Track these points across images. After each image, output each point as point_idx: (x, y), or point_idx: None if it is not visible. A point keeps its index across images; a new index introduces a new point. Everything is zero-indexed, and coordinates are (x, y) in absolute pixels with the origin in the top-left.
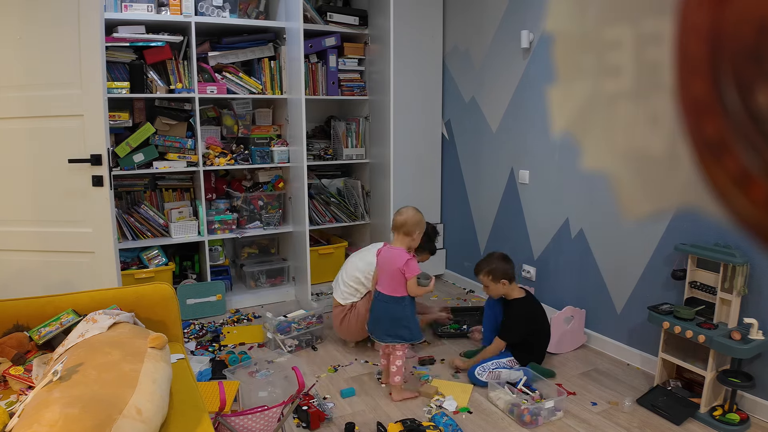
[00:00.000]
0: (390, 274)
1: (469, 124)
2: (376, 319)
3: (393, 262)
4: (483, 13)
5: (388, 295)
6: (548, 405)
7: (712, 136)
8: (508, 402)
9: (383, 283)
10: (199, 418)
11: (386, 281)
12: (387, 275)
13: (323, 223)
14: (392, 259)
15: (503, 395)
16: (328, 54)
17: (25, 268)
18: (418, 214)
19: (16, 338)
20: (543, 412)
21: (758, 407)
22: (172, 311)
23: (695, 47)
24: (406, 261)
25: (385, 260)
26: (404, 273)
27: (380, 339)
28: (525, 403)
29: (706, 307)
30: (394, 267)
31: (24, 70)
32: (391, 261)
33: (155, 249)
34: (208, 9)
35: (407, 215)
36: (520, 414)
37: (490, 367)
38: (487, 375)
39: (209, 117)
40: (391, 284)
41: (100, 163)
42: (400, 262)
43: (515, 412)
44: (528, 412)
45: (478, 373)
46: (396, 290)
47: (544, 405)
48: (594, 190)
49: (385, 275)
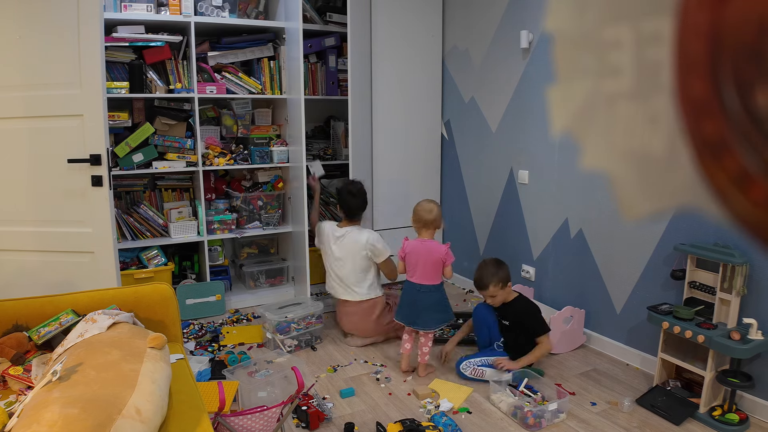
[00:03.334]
0: (432, 264)
1: (469, 124)
2: (418, 310)
3: (433, 252)
4: (483, 13)
5: (429, 284)
6: (552, 407)
7: (711, 136)
8: (511, 404)
9: (420, 273)
10: (198, 418)
11: (426, 271)
12: (428, 265)
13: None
14: (432, 250)
15: (505, 398)
16: (328, 54)
17: (24, 268)
18: (437, 205)
19: (15, 338)
20: (546, 415)
21: (758, 407)
22: (172, 311)
23: (695, 47)
24: (447, 250)
25: (423, 252)
26: (445, 261)
27: (427, 327)
28: (528, 405)
29: (705, 307)
30: (435, 257)
31: (23, 70)
32: (431, 252)
33: (155, 249)
34: (207, 9)
35: (435, 212)
36: (523, 417)
37: (477, 363)
38: (471, 371)
39: (209, 117)
40: (431, 273)
41: (100, 163)
42: (442, 251)
43: (518, 414)
44: (531, 415)
45: (462, 368)
46: (436, 278)
47: (548, 407)
48: (593, 190)
49: (425, 266)
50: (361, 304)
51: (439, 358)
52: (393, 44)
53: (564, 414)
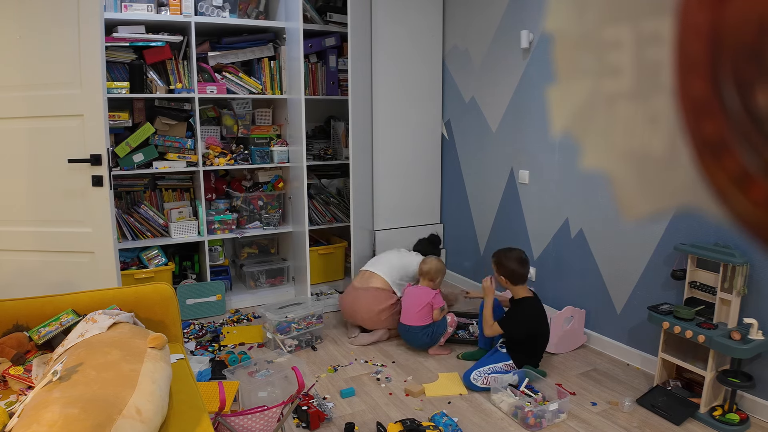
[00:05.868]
0: (420, 307)
1: (469, 124)
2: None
3: (422, 297)
4: (483, 13)
5: (416, 325)
6: (552, 407)
7: (711, 135)
8: (512, 405)
9: (411, 315)
10: (198, 418)
11: (415, 313)
12: (417, 308)
13: (323, 223)
14: (422, 295)
15: (506, 398)
16: (328, 54)
17: (24, 268)
18: (440, 264)
19: (15, 338)
20: (547, 415)
21: (758, 407)
22: (172, 311)
23: (695, 47)
24: (435, 295)
25: (414, 296)
26: (433, 305)
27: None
28: (529, 405)
29: (705, 307)
30: (424, 300)
31: (24, 70)
32: (421, 296)
33: (155, 249)
34: (207, 9)
35: (431, 265)
36: (524, 417)
37: (487, 372)
38: (483, 380)
39: (209, 117)
40: (420, 315)
41: (100, 163)
42: (430, 295)
43: (519, 414)
44: (532, 415)
45: (473, 378)
46: (423, 320)
47: (549, 407)
48: (594, 190)
49: (415, 308)
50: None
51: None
52: (393, 44)
53: (565, 414)
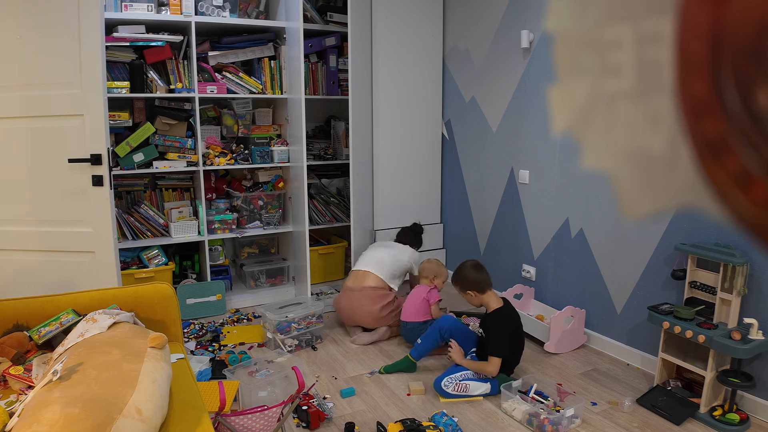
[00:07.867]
0: (417, 303)
1: (469, 124)
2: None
3: (418, 294)
4: (483, 13)
5: (413, 321)
6: (569, 413)
7: (712, 135)
8: (525, 412)
9: (409, 312)
10: (198, 417)
11: (413, 309)
12: (415, 304)
13: (323, 222)
14: (417, 292)
15: (518, 405)
16: (328, 54)
17: (25, 268)
18: (439, 267)
19: (15, 338)
20: (564, 422)
21: (758, 407)
22: (172, 311)
23: (695, 47)
24: (429, 290)
25: (412, 294)
26: (429, 300)
27: None
28: (543, 412)
29: (706, 307)
30: (420, 297)
31: (24, 70)
32: (416, 293)
33: (155, 249)
34: (208, 9)
35: (424, 265)
36: (540, 425)
37: (458, 378)
38: (454, 387)
39: (209, 117)
40: (416, 311)
41: (100, 163)
42: (424, 291)
43: (534, 422)
44: (549, 422)
45: (444, 385)
46: (419, 316)
47: (565, 413)
48: (594, 190)
49: (413, 305)
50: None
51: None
52: (393, 44)
53: (579, 419)
